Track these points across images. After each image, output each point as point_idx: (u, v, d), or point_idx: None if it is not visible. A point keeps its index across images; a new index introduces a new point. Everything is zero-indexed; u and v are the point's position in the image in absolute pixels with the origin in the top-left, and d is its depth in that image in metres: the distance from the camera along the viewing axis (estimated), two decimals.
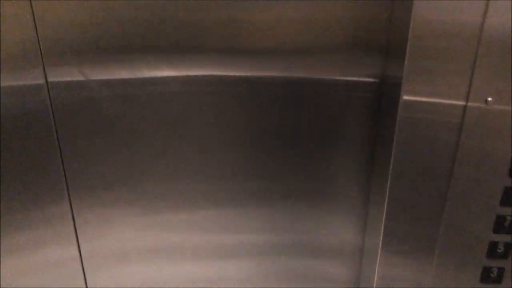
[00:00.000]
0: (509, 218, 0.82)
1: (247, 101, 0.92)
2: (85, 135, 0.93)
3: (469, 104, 0.77)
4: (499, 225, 0.83)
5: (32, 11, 0.82)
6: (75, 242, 1.01)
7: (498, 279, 0.87)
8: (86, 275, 1.05)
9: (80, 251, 1.03)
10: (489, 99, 0.75)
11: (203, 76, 0.89)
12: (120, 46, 0.86)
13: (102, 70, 0.88)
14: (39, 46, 0.84)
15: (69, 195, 0.97)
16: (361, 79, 0.89)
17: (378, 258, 0.89)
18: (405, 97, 0.76)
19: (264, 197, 1.00)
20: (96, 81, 0.88)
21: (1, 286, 1.01)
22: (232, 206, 1.01)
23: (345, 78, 0.89)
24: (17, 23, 0.82)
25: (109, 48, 0.86)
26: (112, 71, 0.88)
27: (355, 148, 0.94)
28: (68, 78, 0.88)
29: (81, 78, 0.88)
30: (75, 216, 0.99)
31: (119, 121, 0.92)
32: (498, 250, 0.84)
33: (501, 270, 0.87)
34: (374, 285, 0.93)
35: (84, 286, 1.05)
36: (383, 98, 0.87)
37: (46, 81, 0.87)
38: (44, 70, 0.86)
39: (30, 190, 0.95)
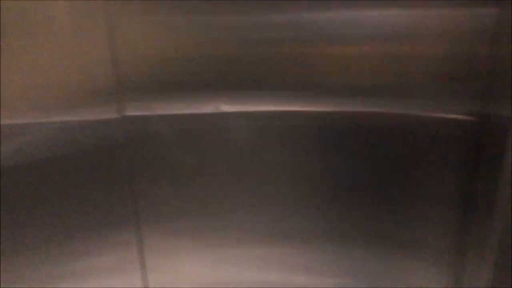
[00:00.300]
0: None
1: (321, 138, 0.86)
2: (157, 166, 0.92)
3: None
4: None
5: (113, 50, 0.82)
6: (139, 271, 1.00)
7: None
8: None
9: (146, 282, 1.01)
10: None
11: (275, 111, 0.85)
12: (192, 82, 0.85)
13: (173, 105, 0.87)
14: (117, 82, 0.84)
15: (138, 225, 0.96)
16: (455, 116, 0.80)
17: None
18: None
19: (342, 239, 0.93)
20: (166, 116, 0.88)
21: None
22: (309, 246, 0.96)
23: (435, 115, 0.81)
24: (96, 60, 0.83)
25: (180, 84, 0.85)
26: (181, 106, 0.87)
27: (444, 191, 0.85)
28: (140, 113, 0.88)
29: (152, 112, 0.87)
30: (143, 245, 0.98)
31: (190, 153, 0.91)
32: None
33: None
34: None
35: None
36: (483, 138, 0.77)
37: (121, 116, 0.87)
38: (119, 105, 0.86)
39: (102, 216, 0.95)
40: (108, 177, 0.92)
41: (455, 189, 0.85)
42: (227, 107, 0.85)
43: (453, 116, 0.81)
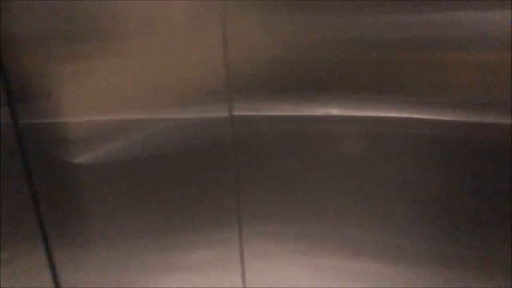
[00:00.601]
0: None
1: (440, 149, 0.79)
2: (262, 167, 0.92)
3: None
4: None
5: (225, 50, 0.82)
6: (239, 270, 1.00)
7: None
8: None
9: (244, 280, 1.01)
10: None
11: (391, 118, 0.80)
12: (303, 84, 0.83)
13: (281, 107, 0.86)
14: (228, 82, 0.84)
15: (240, 224, 0.96)
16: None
17: None
18: None
19: (439, 258, 0.86)
20: (274, 117, 0.86)
21: None
22: (404, 263, 0.89)
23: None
24: (209, 60, 0.84)
25: (290, 86, 0.83)
26: (290, 108, 0.86)
27: None
28: (249, 113, 0.87)
29: (260, 113, 0.87)
30: (243, 245, 0.98)
31: (296, 156, 0.88)
32: None
33: None
34: None
35: None
36: None
37: (230, 115, 0.87)
38: (229, 104, 0.86)
39: (205, 213, 0.98)
40: (214, 175, 0.93)
41: None
42: (338, 111, 0.81)
43: None
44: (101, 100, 0.95)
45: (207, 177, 0.94)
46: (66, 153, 1.02)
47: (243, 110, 0.87)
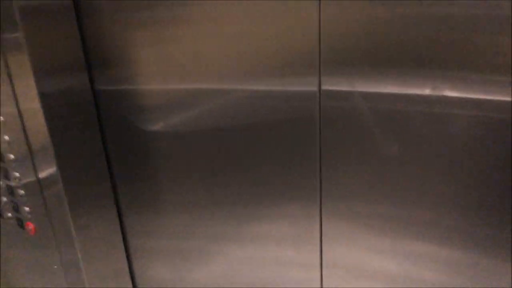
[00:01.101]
0: None
1: None
2: (346, 145, 0.87)
3: None
4: None
5: (319, 23, 0.77)
6: (317, 249, 0.98)
7: None
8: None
9: (321, 259, 0.99)
10: None
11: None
12: (402, 60, 0.76)
13: (370, 83, 0.80)
14: (319, 55, 0.79)
15: (320, 201, 0.93)
16: None
17: None
18: None
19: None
20: (363, 93, 0.81)
21: None
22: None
23: None
24: (302, 33, 0.80)
25: (381, 62, 0.77)
26: (379, 85, 0.79)
27: None
28: (340, 88, 0.82)
29: (350, 88, 0.81)
30: (322, 223, 0.95)
31: (388, 136, 0.82)
32: None
33: None
34: None
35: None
36: None
37: (319, 89, 0.82)
38: (319, 78, 0.81)
39: (287, 187, 0.95)
40: (299, 149, 0.90)
41: None
42: (447, 91, 0.74)
43: None
44: (181, 68, 0.92)
45: (292, 151, 0.90)
46: (141, 121, 1.01)
47: (334, 85, 0.82)
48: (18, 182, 1.04)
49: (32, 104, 0.92)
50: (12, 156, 1.01)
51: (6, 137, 1.00)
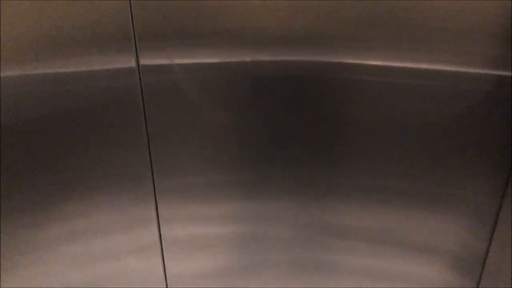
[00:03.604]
0: None
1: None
2: (172, 119, 0.87)
3: None
4: None
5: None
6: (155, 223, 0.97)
7: None
8: None
9: (160, 238, 0.98)
10: None
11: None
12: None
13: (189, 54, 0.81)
14: (133, 29, 0.76)
15: (153, 180, 0.92)
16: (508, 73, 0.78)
17: None
18: None
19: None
20: (182, 64, 0.82)
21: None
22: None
23: (489, 72, 0.78)
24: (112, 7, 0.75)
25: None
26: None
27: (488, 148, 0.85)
28: (157, 62, 0.81)
29: (169, 61, 0.82)
30: (157, 201, 0.94)
31: (201, 107, 0.84)
32: None
33: None
34: None
35: None
36: None
37: (138, 65, 0.80)
38: (136, 53, 0.79)
39: (116, 169, 0.90)
40: (125, 130, 0.87)
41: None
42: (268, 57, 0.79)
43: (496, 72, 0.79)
44: None
45: (114, 135, 0.86)
46: None
47: (151, 59, 0.80)
48: None
49: None
50: None
51: None
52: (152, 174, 0.91)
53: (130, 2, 0.76)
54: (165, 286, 1.03)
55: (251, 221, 0.98)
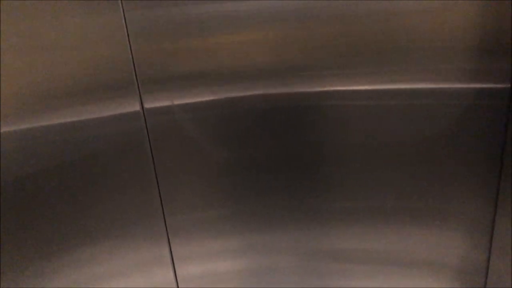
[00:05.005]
0: None
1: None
2: (177, 158, 0.88)
3: None
4: None
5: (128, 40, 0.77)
6: (171, 268, 0.98)
7: None
8: None
9: (175, 271, 0.99)
10: None
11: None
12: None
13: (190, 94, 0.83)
14: (135, 74, 0.79)
15: (164, 216, 0.92)
16: (489, 85, 0.79)
17: None
18: None
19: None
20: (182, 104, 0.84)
21: None
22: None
23: (469, 86, 0.80)
24: (113, 55, 0.78)
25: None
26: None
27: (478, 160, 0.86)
28: (160, 104, 0.84)
29: (170, 103, 0.84)
30: (170, 239, 0.95)
31: (203, 143, 0.86)
32: None
33: None
34: None
35: None
36: None
37: (143, 108, 0.82)
38: (140, 97, 0.81)
39: (128, 207, 0.91)
40: (134, 175, 0.88)
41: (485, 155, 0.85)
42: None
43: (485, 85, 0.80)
44: None
45: (123, 181, 0.88)
46: None
47: (155, 101, 0.82)
48: None
49: None
50: None
51: None
52: (163, 213, 0.92)
53: (130, 49, 0.78)
54: None
55: (260, 252, 0.98)
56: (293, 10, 0.76)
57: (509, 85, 0.78)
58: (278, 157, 0.88)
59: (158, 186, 0.89)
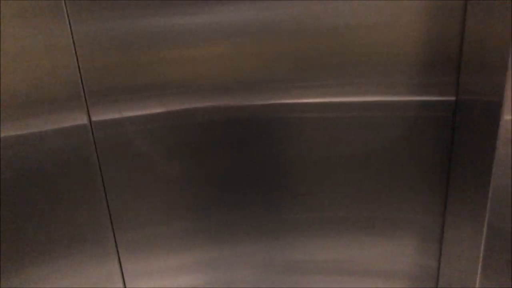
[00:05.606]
0: None
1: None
2: (126, 172, 0.86)
3: None
4: None
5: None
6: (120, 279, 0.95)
7: None
8: None
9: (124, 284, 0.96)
10: None
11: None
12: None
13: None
14: (82, 86, 0.76)
15: (114, 233, 0.90)
16: (434, 98, 0.81)
17: None
18: (507, 117, 0.69)
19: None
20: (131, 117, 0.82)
21: None
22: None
23: (416, 98, 0.82)
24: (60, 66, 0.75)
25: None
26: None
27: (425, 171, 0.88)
28: (108, 117, 0.81)
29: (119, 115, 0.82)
30: (120, 255, 0.92)
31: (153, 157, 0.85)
32: None
33: None
34: None
35: None
36: (465, 117, 0.79)
37: (90, 121, 0.79)
38: (87, 110, 0.78)
39: (76, 225, 0.88)
40: (81, 190, 0.85)
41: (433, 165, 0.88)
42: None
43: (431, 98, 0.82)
44: None
45: (69, 197, 0.85)
46: None
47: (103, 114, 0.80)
48: None
49: None
50: None
51: None
52: (113, 230, 0.89)
53: (77, 60, 0.75)
54: None
55: (213, 268, 0.97)
56: (244, 25, 0.76)
57: (453, 98, 0.81)
58: (231, 171, 0.88)
59: (107, 202, 0.87)
